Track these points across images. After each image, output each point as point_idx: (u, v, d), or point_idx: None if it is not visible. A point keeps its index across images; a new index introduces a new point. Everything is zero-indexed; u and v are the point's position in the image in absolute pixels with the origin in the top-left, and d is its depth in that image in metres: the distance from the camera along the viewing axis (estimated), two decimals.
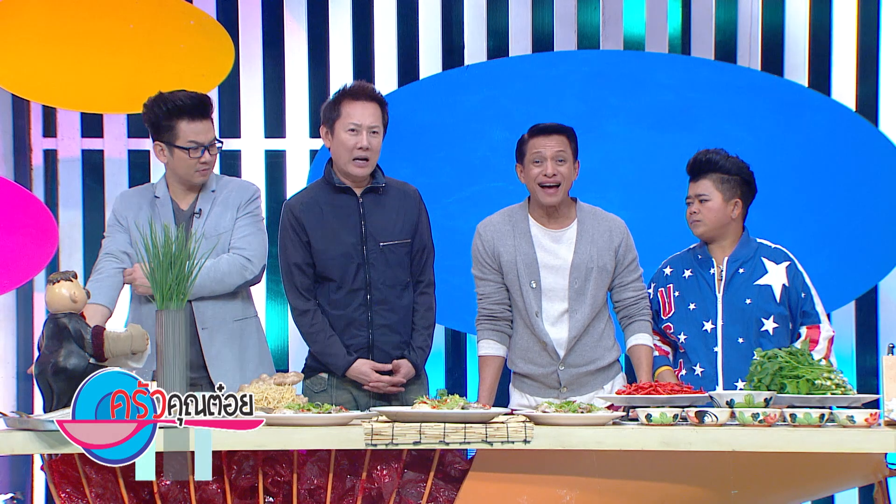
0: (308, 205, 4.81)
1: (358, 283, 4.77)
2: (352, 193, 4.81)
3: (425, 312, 4.87)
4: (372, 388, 4.77)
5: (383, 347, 4.80)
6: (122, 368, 4.05)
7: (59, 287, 3.97)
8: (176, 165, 4.73)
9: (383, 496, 3.90)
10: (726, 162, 4.84)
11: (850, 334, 6.40)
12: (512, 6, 6.49)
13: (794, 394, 4.10)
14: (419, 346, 4.83)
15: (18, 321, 6.43)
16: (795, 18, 6.48)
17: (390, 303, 4.79)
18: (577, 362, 4.78)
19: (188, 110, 4.68)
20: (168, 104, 4.69)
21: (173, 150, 4.70)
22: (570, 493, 3.91)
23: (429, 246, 4.90)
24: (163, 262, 4.16)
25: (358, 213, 4.79)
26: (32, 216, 6.02)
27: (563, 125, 4.81)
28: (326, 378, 4.81)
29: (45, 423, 3.71)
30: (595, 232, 4.80)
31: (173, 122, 4.68)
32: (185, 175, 4.74)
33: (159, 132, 4.72)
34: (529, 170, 4.77)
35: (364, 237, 4.78)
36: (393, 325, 4.80)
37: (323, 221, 4.78)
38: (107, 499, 3.84)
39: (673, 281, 4.90)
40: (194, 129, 4.69)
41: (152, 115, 4.73)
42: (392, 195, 4.84)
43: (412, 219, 4.84)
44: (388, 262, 4.79)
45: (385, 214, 4.81)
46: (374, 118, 4.76)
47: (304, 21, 6.51)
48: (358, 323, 4.78)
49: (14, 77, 5.98)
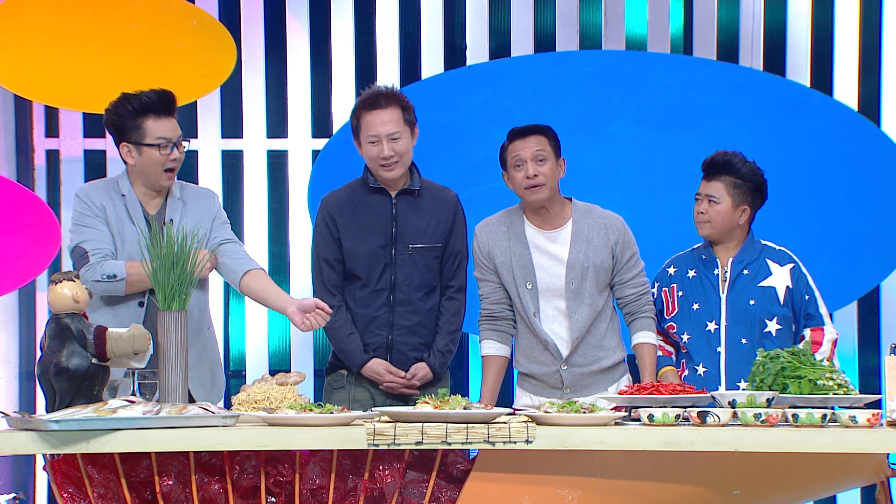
0: (342, 202, 4.84)
1: (383, 284, 4.80)
2: (386, 194, 4.83)
3: (451, 317, 4.88)
4: (386, 388, 4.80)
5: (402, 348, 4.82)
6: (125, 368, 4.08)
7: (61, 287, 3.97)
8: (144, 166, 4.62)
9: (385, 496, 3.90)
10: (742, 166, 4.82)
11: (852, 335, 6.40)
12: (514, 6, 6.49)
13: (797, 394, 4.10)
14: (440, 350, 4.86)
15: (21, 321, 6.43)
16: (797, 18, 6.48)
17: (413, 304, 4.81)
18: (580, 362, 4.79)
19: (154, 107, 4.59)
20: (134, 103, 4.60)
21: (142, 148, 4.60)
22: (572, 494, 3.91)
23: (462, 252, 4.91)
24: (165, 261, 4.17)
25: (390, 213, 4.81)
26: (35, 216, 6.03)
27: (540, 125, 4.80)
28: (346, 375, 4.84)
29: (48, 423, 3.71)
30: (590, 230, 4.80)
31: (139, 120, 4.59)
32: (154, 176, 4.62)
33: (125, 133, 4.62)
34: (513, 175, 4.78)
35: (394, 238, 4.80)
36: (413, 327, 4.82)
37: (355, 220, 4.81)
38: (109, 499, 3.84)
39: (676, 281, 4.90)
40: (161, 126, 4.60)
41: (116, 116, 4.62)
42: (428, 198, 4.86)
43: (447, 223, 4.85)
44: (415, 264, 4.81)
45: (418, 217, 4.83)
46: (393, 124, 4.75)
47: (306, 21, 6.51)
48: (379, 322, 4.81)
49: (16, 77, 5.98)
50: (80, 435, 3.72)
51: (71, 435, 3.72)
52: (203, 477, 3.89)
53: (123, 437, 3.74)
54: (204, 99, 6.35)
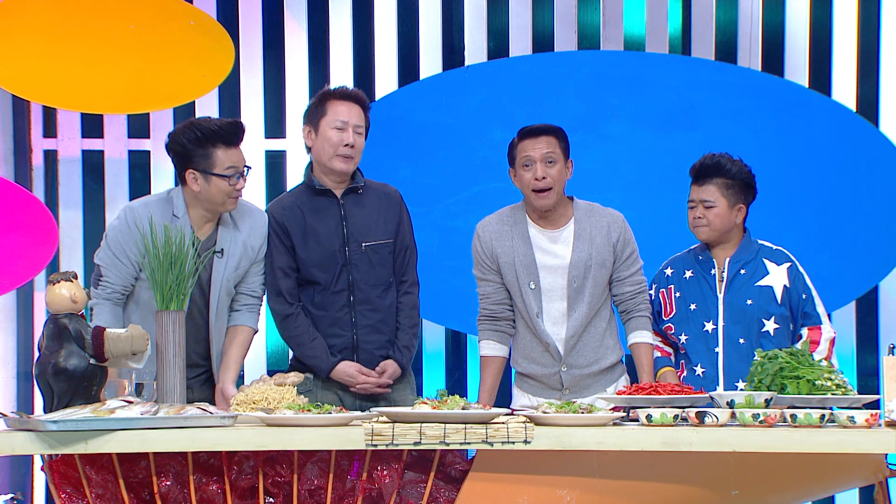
0: (289, 209, 4.80)
1: (341, 285, 4.78)
2: (332, 196, 4.82)
3: (410, 311, 4.87)
4: (359, 389, 4.77)
5: (367, 347, 4.80)
6: (123, 369, 4.08)
7: (59, 287, 3.96)
8: (211, 193, 4.56)
9: (384, 497, 3.90)
10: (732, 166, 4.82)
11: (850, 335, 6.39)
12: (512, 6, 6.49)
13: (795, 394, 4.10)
14: (404, 346, 4.84)
15: (19, 322, 6.43)
16: (796, 19, 6.48)
17: (373, 303, 4.80)
18: (580, 363, 4.78)
19: (224, 137, 4.55)
20: (203, 130, 4.53)
21: (210, 177, 4.53)
22: (570, 494, 3.91)
23: (411, 246, 4.91)
24: (163, 262, 4.17)
25: (339, 214, 4.80)
26: (32, 216, 6.02)
27: (552, 125, 4.80)
28: (312, 379, 4.80)
29: (46, 423, 3.71)
30: (592, 229, 4.80)
31: (209, 149, 4.53)
32: (219, 202, 4.57)
33: (191, 160, 4.55)
34: (521, 174, 4.77)
35: (346, 238, 4.79)
36: (376, 325, 4.81)
37: (305, 225, 4.78)
38: (107, 499, 3.84)
39: (674, 282, 4.90)
40: (231, 155, 4.56)
41: (183, 142, 4.55)
42: (372, 196, 4.86)
43: (394, 219, 4.85)
44: (370, 262, 4.80)
45: (366, 215, 4.82)
46: (360, 118, 4.79)
47: (304, 21, 6.51)
48: (342, 323, 4.79)
49: (14, 77, 5.98)
50: (78, 435, 3.72)
51: (69, 435, 3.72)
52: (201, 477, 3.89)
53: (121, 437, 3.74)
54: (202, 99, 6.34)
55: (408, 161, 6.02)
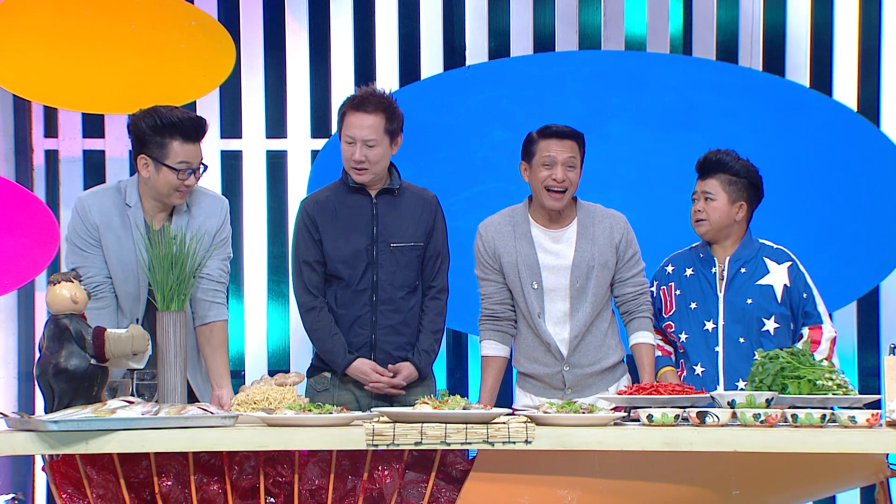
0: (322, 204, 4.83)
1: (364, 283, 4.79)
2: (366, 194, 4.83)
3: (434, 317, 4.87)
4: (371, 388, 4.78)
5: (385, 347, 4.80)
6: (123, 369, 4.08)
7: (59, 288, 3.97)
8: (158, 183, 4.52)
9: (385, 496, 3.90)
10: (736, 163, 4.84)
11: (851, 335, 6.39)
12: (513, 6, 6.49)
13: (796, 394, 4.10)
14: (425, 350, 4.84)
15: (19, 322, 6.43)
16: (797, 19, 6.48)
17: (396, 303, 4.80)
18: (582, 363, 4.78)
19: (183, 131, 4.49)
20: (164, 119, 4.48)
21: (160, 167, 4.49)
22: (571, 494, 3.91)
23: (443, 253, 4.91)
24: (163, 262, 4.17)
25: (371, 213, 4.81)
26: (33, 216, 6.02)
27: (576, 130, 4.79)
28: (329, 377, 4.82)
29: (47, 423, 3.71)
30: (595, 230, 4.80)
31: (166, 139, 4.48)
32: (164, 193, 4.53)
33: (146, 145, 4.50)
34: (538, 171, 4.76)
35: (375, 237, 4.79)
36: (396, 326, 4.81)
37: (335, 220, 4.80)
38: (108, 499, 3.84)
39: (674, 279, 4.90)
40: (187, 150, 4.50)
41: (142, 127, 4.50)
42: (408, 198, 4.86)
43: (426, 223, 4.85)
44: (397, 263, 4.80)
45: (399, 216, 4.83)
46: (371, 130, 4.73)
47: (305, 21, 6.51)
48: (362, 321, 4.79)
49: (15, 77, 5.98)
50: (79, 435, 3.72)
51: (70, 435, 3.72)
52: (202, 477, 3.89)
53: (122, 437, 3.74)
54: (203, 99, 6.34)
55: (408, 161, 6.00)
